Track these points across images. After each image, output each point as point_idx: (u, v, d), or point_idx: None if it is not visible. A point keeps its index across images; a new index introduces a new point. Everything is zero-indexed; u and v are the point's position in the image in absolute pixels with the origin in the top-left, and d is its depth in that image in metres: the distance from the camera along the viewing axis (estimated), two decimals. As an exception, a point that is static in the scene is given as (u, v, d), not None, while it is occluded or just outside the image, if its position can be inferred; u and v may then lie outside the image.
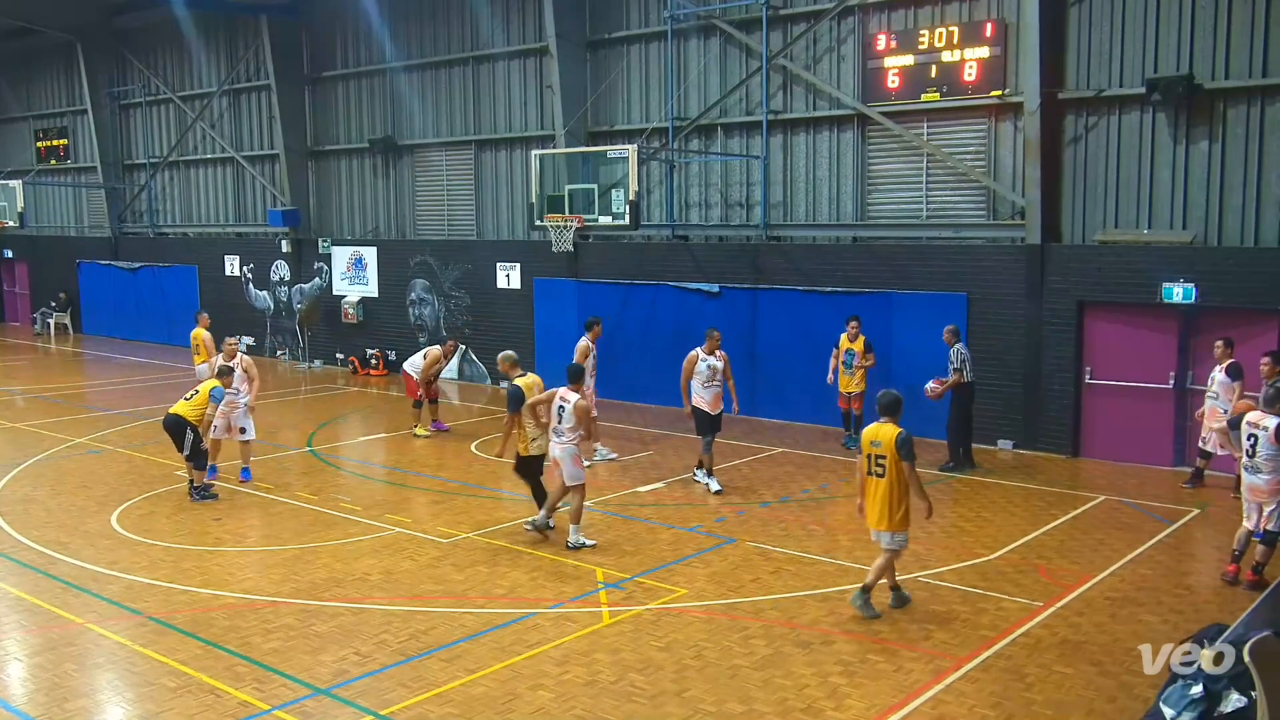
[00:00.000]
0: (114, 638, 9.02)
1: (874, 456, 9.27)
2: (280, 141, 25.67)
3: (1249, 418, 10.10)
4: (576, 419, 11.21)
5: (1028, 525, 12.19)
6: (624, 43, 20.26)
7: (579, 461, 11.37)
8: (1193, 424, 14.05)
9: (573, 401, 11.24)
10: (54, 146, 33.38)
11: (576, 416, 11.21)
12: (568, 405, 11.27)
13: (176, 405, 13.26)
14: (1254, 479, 9.95)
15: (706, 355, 13.69)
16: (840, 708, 7.63)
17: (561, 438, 11.30)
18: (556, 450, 11.34)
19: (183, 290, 29.14)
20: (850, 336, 15.84)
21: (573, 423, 11.23)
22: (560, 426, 11.31)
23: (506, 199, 22.56)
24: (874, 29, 17.24)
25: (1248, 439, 9.97)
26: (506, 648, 8.70)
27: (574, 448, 11.30)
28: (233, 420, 14.03)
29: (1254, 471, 9.93)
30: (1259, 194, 14.19)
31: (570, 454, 11.27)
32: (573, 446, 11.28)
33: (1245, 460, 10.02)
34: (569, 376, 11.51)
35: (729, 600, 9.82)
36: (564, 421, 11.28)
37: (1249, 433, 9.98)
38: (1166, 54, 14.66)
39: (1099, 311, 15.31)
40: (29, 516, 12.66)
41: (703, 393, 13.67)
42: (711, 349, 13.73)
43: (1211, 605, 9.63)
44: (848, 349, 15.86)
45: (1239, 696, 6.34)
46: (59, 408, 20.19)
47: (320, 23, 25.20)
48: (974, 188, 16.64)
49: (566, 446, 11.27)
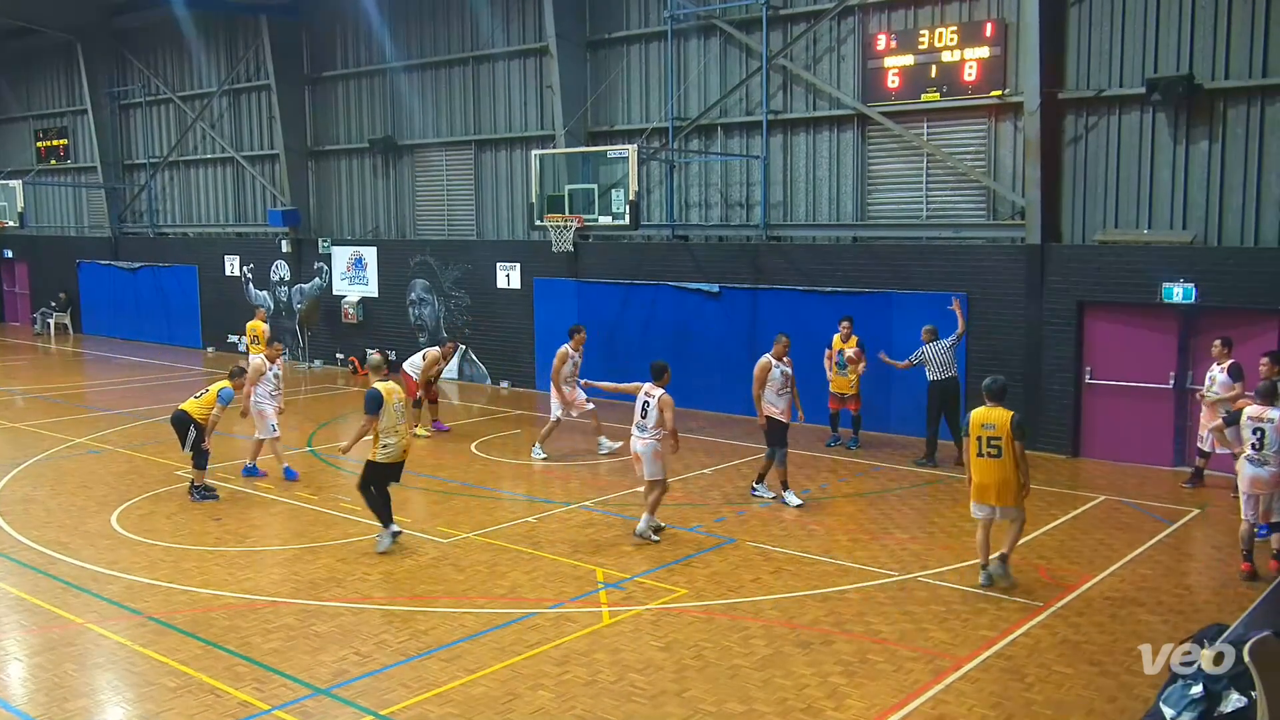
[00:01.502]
0: (114, 638, 9.02)
1: (987, 439, 9.76)
2: (280, 141, 25.68)
3: (1249, 412, 10.21)
4: (660, 414, 11.37)
5: (1028, 525, 12.14)
6: (624, 43, 20.26)
7: (660, 457, 11.55)
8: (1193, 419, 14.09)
9: (657, 397, 11.41)
10: (54, 146, 33.38)
11: (660, 412, 11.36)
12: (652, 401, 11.45)
13: (186, 402, 13.40)
14: (1259, 471, 10.05)
15: (778, 361, 13.04)
16: (840, 708, 7.63)
17: (644, 433, 11.51)
18: (639, 445, 11.54)
19: (183, 290, 29.16)
20: (843, 337, 15.83)
21: (656, 418, 11.40)
22: (644, 422, 11.51)
23: (506, 199, 22.56)
24: (874, 29, 17.24)
25: (1253, 433, 10.07)
26: (506, 648, 8.70)
27: (656, 444, 11.49)
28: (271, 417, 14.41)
29: (1260, 464, 10.04)
30: (1259, 194, 14.19)
31: (652, 449, 11.48)
32: (655, 443, 11.48)
33: (1250, 453, 10.11)
34: (653, 374, 11.64)
35: (729, 600, 9.82)
36: (647, 418, 11.48)
37: (1254, 426, 10.09)
38: (1166, 54, 14.66)
39: (1099, 311, 15.31)
40: (29, 516, 12.66)
41: (776, 401, 12.96)
42: (781, 354, 13.11)
43: (1211, 605, 9.63)
44: (840, 349, 15.87)
45: (1239, 696, 6.34)
46: (59, 408, 20.20)
47: (320, 23, 25.20)
48: (974, 188, 16.64)
49: (649, 442, 11.48)
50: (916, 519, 12.50)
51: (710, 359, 19.08)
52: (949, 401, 14.91)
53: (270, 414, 14.32)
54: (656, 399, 11.39)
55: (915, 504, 13.17)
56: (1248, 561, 10.30)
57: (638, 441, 11.56)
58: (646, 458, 11.49)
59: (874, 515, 12.64)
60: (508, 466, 15.25)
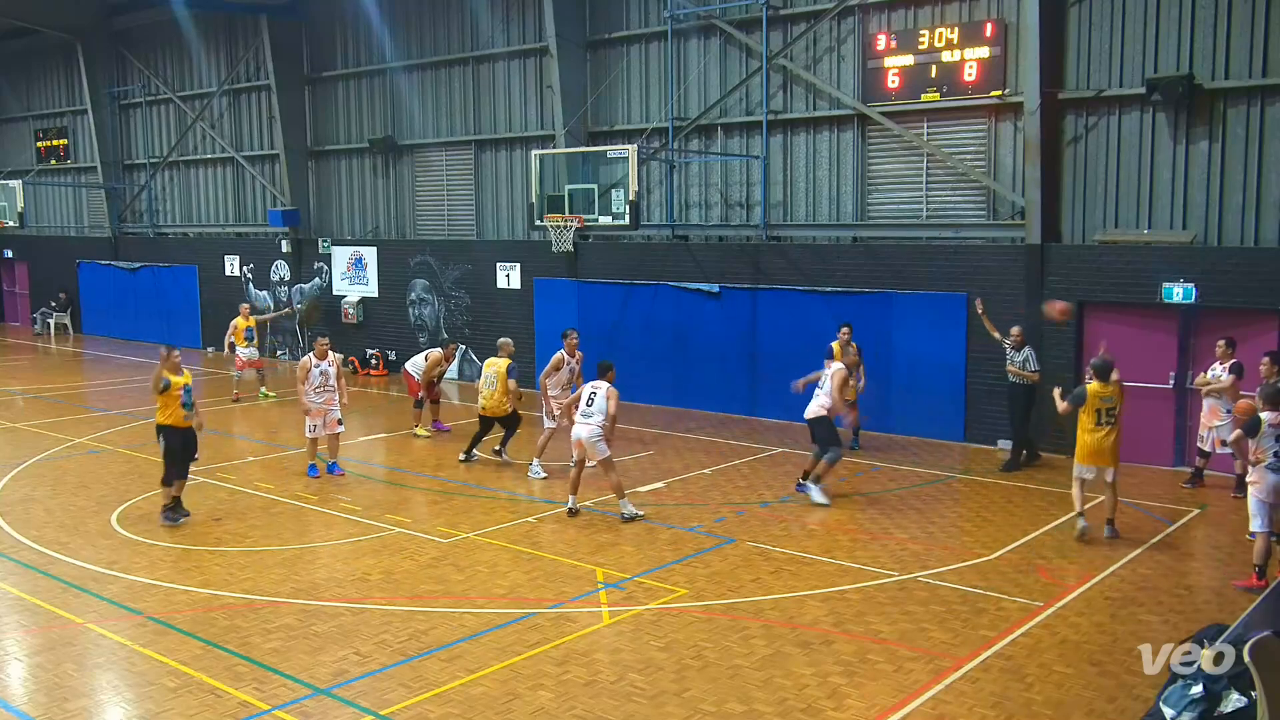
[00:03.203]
0: (114, 638, 9.02)
1: (1105, 410, 11.37)
2: (280, 141, 25.68)
3: (1269, 419, 9.90)
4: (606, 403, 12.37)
5: (1028, 525, 12.20)
6: (624, 43, 20.26)
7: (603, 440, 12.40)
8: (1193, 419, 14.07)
9: (604, 389, 12.48)
10: (54, 146, 33.37)
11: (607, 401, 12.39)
12: (599, 392, 12.48)
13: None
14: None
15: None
16: (840, 708, 7.63)
17: (589, 420, 12.41)
18: (583, 432, 12.41)
19: (183, 290, 29.16)
20: (842, 345, 14.18)
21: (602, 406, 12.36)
22: (589, 409, 12.44)
23: (506, 199, 22.56)
24: (874, 29, 17.24)
25: (1276, 440, 9.82)
26: (506, 648, 8.70)
27: (599, 429, 12.34)
28: (329, 416, 14.48)
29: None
30: (1259, 194, 14.19)
31: (596, 434, 12.35)
32: (598, 429, 12.34)
33: (1271, 461, 9.82)
34: (599, 371, 12.73)
35: (729, 600, 9.82)
36: (593, 406, 12.44)
37: (1275, 434, 9.83)
38: (1166, 54, 14.66)
39: (1099, 311, 15.30)
40: (29, 516, 12.66)
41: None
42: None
43: (1211, 605, 9.63)
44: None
45: (1239, 696, 6.34)
46: (59, 408, 20.19)
47: (320, 23, 25.21)
48: (974, 188, 16.64)
49: (593, 429, 12.37)
50: (916, 519, 12.50)
51: (710, 359, 19.09)
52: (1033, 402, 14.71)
53: (314, 413, 14.38)
54: (604, 390, 12.45)
55: (915, 504, 13.17)
56: (1263, 577, 9.88)
57: (583, 429, 12.42)
58: (593, 442, 12.37)
59: (874, 515, 12.65)
60: (508, 466, 15.25)
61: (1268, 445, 9.91)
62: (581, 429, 12.44)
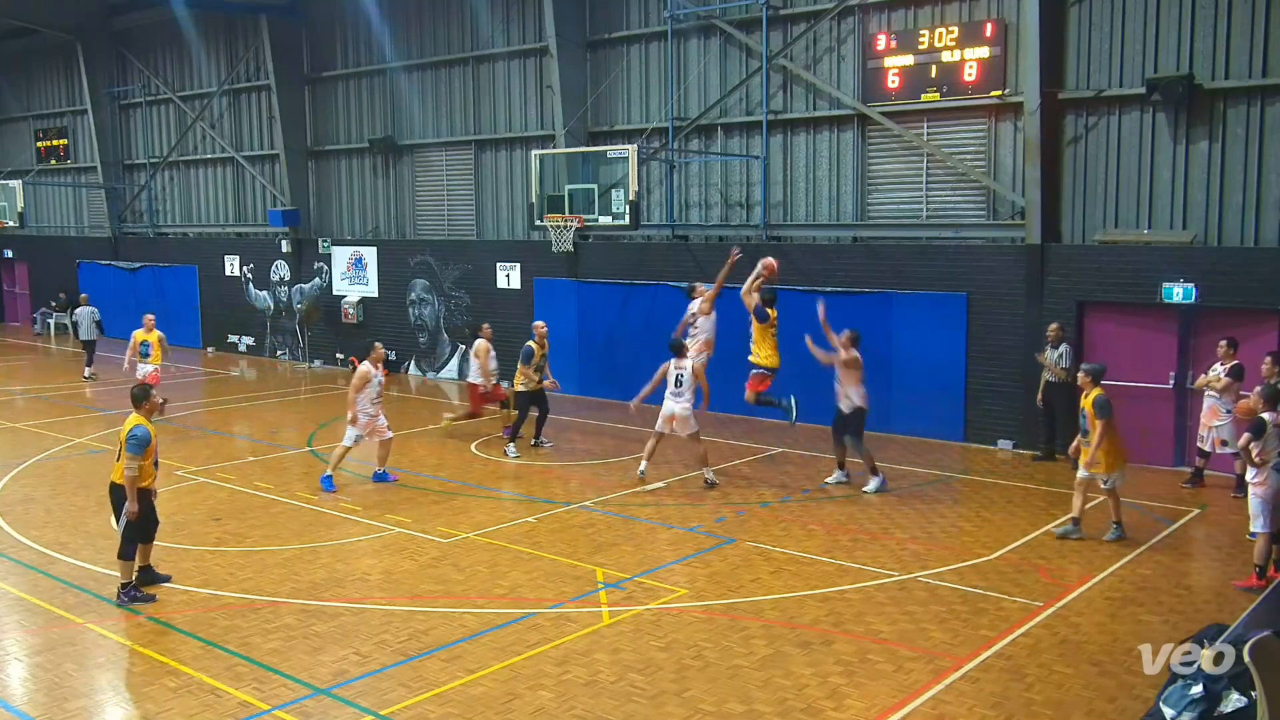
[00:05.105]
0: (114, 638, 9.02)
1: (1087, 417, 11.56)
2: (280, 141, 25.67)
3: (1273, 419, 9.91)
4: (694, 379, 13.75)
5: (1028, 525, 12.20)
6: (624, 43, 20.26)
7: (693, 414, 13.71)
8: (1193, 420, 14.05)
9: (689, 367, 13.80)
10: (54, 146, 33.36)
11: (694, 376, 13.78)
12: (685, 371, 13.76)
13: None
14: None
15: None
16: (840, 708, 7.63)
17: (680, 399, 13.72)
18: (677, 408, 13.72)
19: (183, 290, 29.15)
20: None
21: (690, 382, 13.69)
22: (679, 390, 13.73)
23: (506, 199, 22.56)
24: (874, 29, 17.23)
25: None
26: (506, 648, 8.70)
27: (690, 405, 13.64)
28: (378, 423, 14.06)
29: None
30: (1259, 194, 14.19)
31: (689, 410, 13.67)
32: (689, 405, 13.66)
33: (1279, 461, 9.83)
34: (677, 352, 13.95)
35: (729, 600, 9.82)
36: (682, 385, 13.73)
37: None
38: (1166, 54, 14.66)
39: (1099, 311, 15.30)
40: (29, 516, 12.66)
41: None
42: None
43: (1211, 605, 9.63)
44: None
45: (1239, 696, 6.34)
46: (59, 408, 20.19)
47: (320, 23, 25.20)
48: (974, 188, 16.64)
49: (685, 405, 13.71)
50: (916, 519, 12.50)
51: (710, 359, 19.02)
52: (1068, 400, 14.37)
53: (363, 421, 13.89)
54: (690, 368, 13.74)
55: (915, 504, 13.17)
56: (1263, 578, 9.88)
57: (675, 405, 13.72)
58: (684, 417, 13.67)
59: (874, 515, 12.65)
60: (508, 466, 15.25)
61: (1273, 446, 9.92)
62: (675, 405, 13.72)
